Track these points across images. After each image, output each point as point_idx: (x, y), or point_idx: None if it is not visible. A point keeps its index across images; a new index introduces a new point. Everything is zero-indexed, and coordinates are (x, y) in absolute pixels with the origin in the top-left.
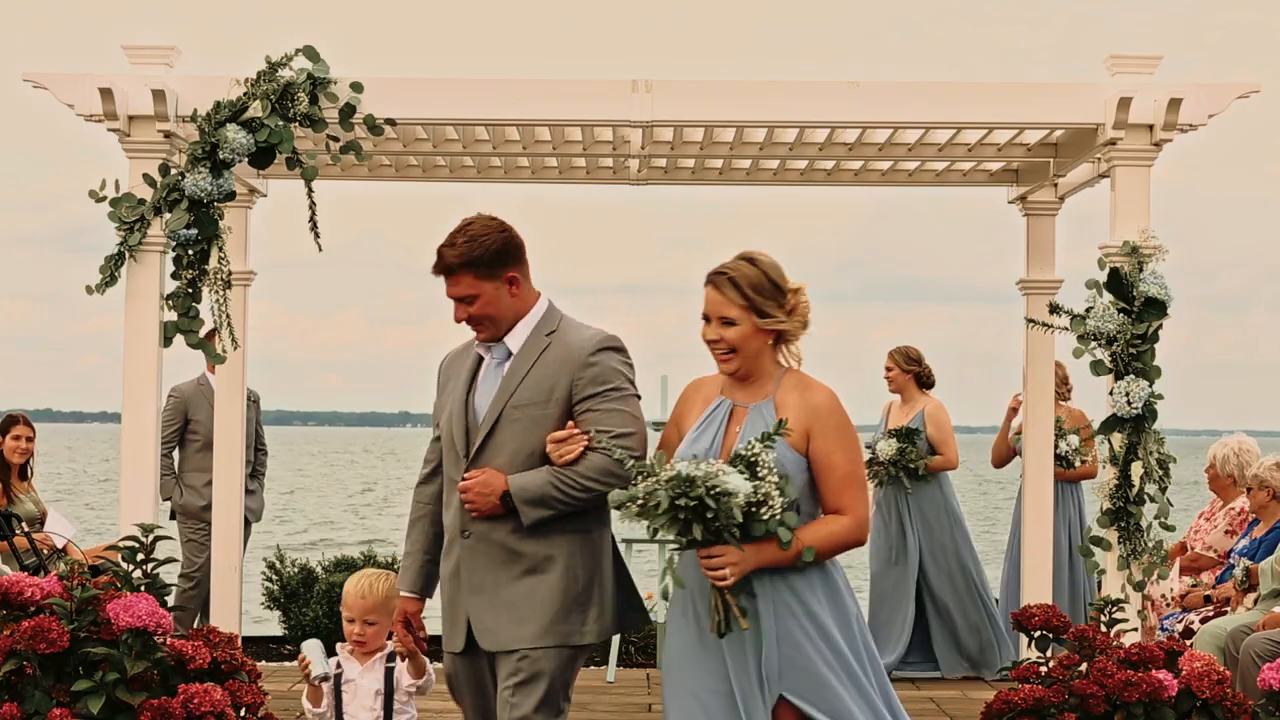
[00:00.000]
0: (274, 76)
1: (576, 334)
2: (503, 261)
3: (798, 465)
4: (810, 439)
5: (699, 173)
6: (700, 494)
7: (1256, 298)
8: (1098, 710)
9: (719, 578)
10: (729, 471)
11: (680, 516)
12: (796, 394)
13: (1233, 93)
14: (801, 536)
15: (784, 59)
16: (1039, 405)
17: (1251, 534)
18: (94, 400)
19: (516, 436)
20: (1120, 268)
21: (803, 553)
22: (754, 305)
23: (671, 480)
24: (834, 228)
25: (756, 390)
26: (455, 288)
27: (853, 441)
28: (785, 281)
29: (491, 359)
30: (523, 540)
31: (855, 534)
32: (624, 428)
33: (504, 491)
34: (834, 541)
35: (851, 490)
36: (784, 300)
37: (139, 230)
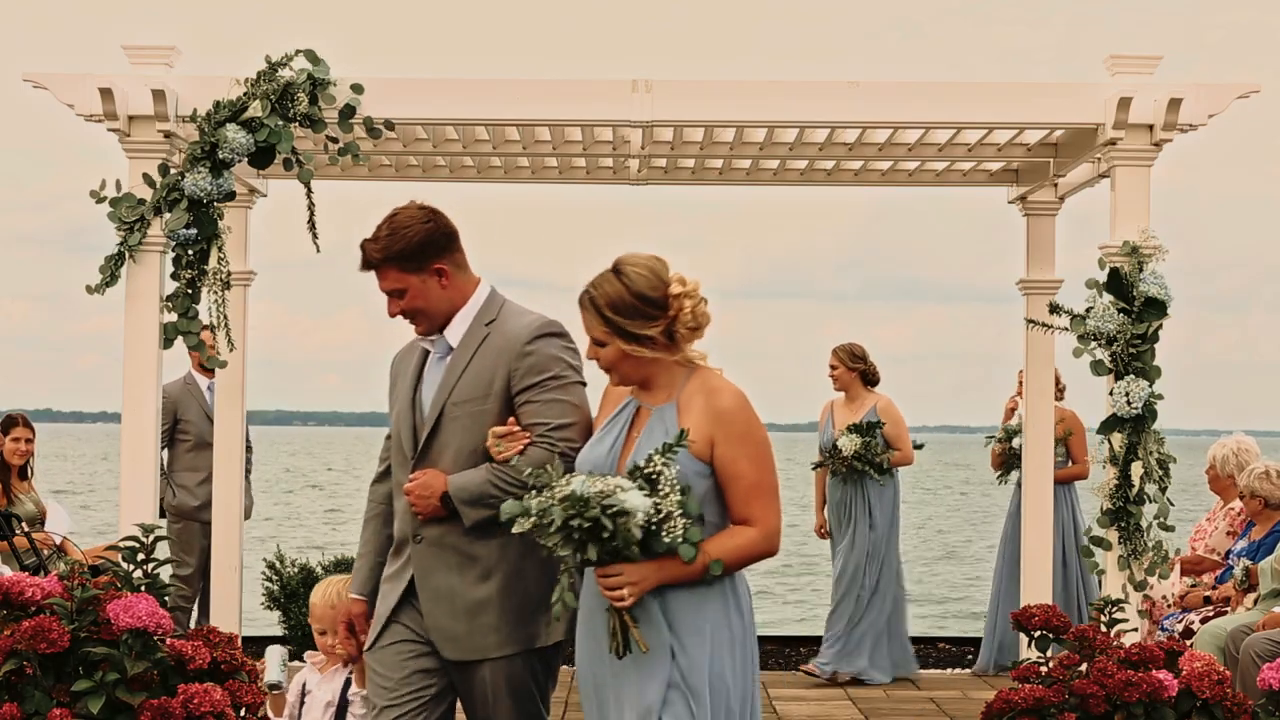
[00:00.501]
0: (274, 76)
1: (515, 322)
2: (427, 253)
3: (700, 473)
4: (714, 445)
5: (699, 173)
6: (595, 514)
7: (1256, 298)
8: (1098, 710)
9: (617, 598)
10: (627, 488)
11: (574, 536)
12: (701, 397)
13: (1233, 93)
14: (707, 550)
15: (784, 59)
16: (1039, 405)
17: (1249, 536)
18: (94, 400)
19: (459, 435)
20: (1120, 268)
21: (710, 567)
22: (615, 326)
23: (565, 499)
24: (834, 228)
25: (660, 393)
26: (383, 282)
27: (760, 447)
28: (659, 290)
29: (435, 354)
30: (475, 543)
31: (764, 546)
32: (564, 418)
33: (444, 492)
34: (741, 555)
35: (760, 500)
36: (655, 312)
37: (139, 230)
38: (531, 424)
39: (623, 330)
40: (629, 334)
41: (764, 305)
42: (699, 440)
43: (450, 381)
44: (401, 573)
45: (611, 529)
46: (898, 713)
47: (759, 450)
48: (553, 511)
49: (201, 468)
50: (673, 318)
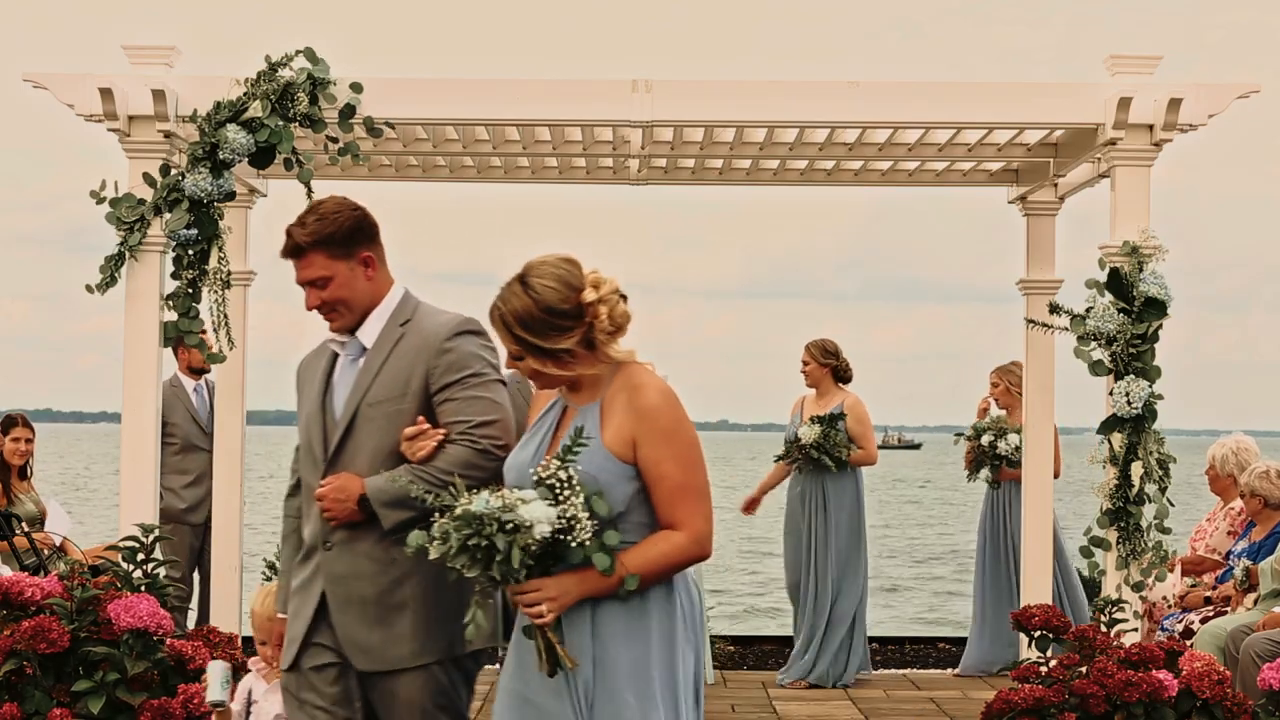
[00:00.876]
0: (274, 77)
1: (432, 320)
2: (357, 240)
3: (624, 475)
4: (637, 446)
5: (699, 173)
6: (492, 533)
7: (1256, 298)
8: (1098, 710)
9: (536, 615)
10: (529, 499)
11: (478, 557)
12: (624, 395)
13: (1233, 93)
14: (626, 560)
15: (784, 59)
16: (1039, 405)
17: (1250, 536)
18: (94, 400)
19: (374, 436)
20: (1120, 268)
21: (624, 582)
22: (527, 344)
23: (460, 520)
24: (834, 228)
25: (586, 392)
26: (307, 270)
27: (686, 446)
28: (570, 300)
29: (346, 356)
30: (391, 547)
31: (692, 551)
32: (485, 415)
33: (361, 495)
34: (666, 561)
35: (687, 502)
36: (568, 324)
37: (139, 230)
38: (452, 422)
39: (536, 347)
40: (543, 349)
41: (764, 305)
42: (621, 440)
43: (365, 382)
44: (310, 583)
45: (505, 548)
46: (898, 713)
47: (685, 449)
48: (451, 535)
49: (189, 470)
50: (589, 325)
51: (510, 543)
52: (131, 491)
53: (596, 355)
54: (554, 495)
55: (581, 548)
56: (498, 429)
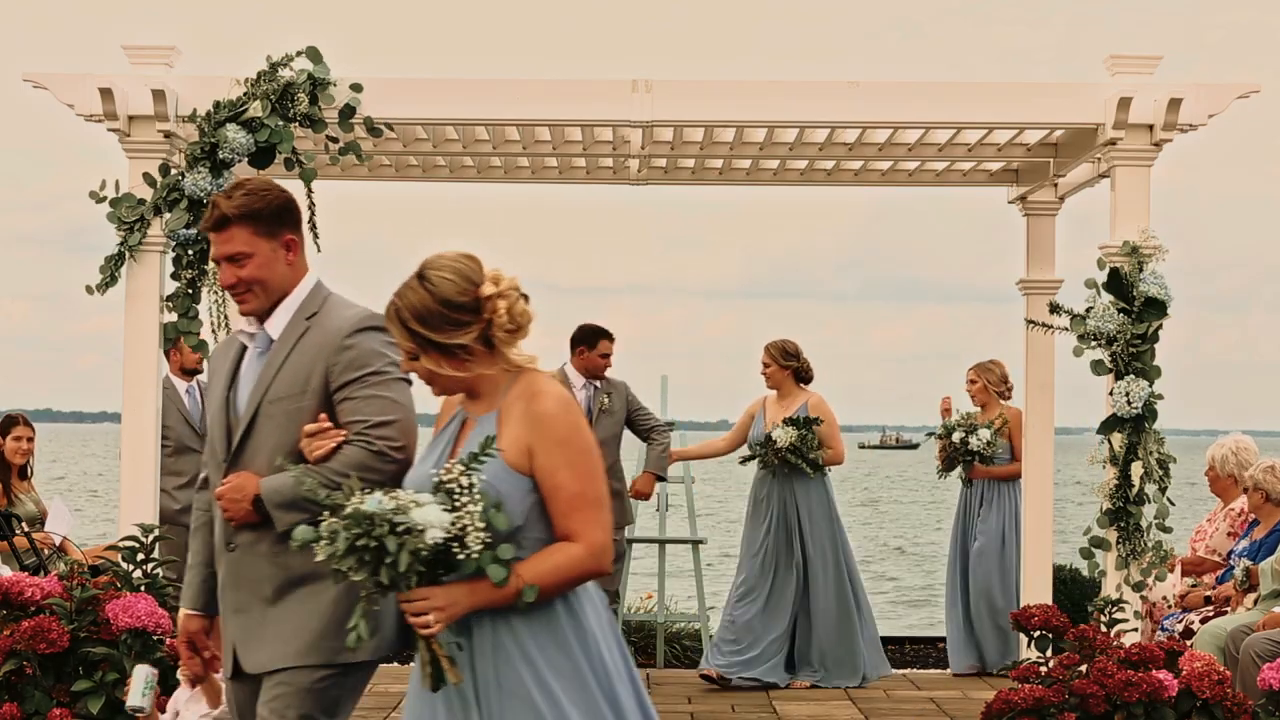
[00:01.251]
0: (274, 77)
1: (336, 315)
2: (283, 221)
3: (521, 487)
4: (533, 455)
5: (699, 173)
6: (382, 534)
7: (1256, 298)
8: (1098, 710)
9: (422, 625)
10: (424, 503)
11: (366, 559)
12: (521, 403)
13: (1233, 93)
14: (521, 572)
15: (784, 59)
16: (1039, 405)
17: (1251, 535)
18: (94, 400)
19: (274, 434)
20: (1120, 268)
21: (522, 593)
22: (423, 340)
23: (350, 518)
24: (834, 228)
25: (484, 401)
26: (228, 244)
27: (583, 455)
28: (468, 294)
29: (254, 349)
30: (288, 551)
31: (589, 564)
32: (383, 415)
33: (256, 495)
34: (562, 574)
35: (583, 512)
36: (466, 318)
37: (139, 230)
38: (349, 421)
39: (431, 342)
40: (439, 345)
41: (764, 305)
42: (517, 450)
43: (267, 378)
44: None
45: (395, 550)
46: (898, 713)
47: (582, 458)
48: (340, 534)
49: (184, 472)
50: (487, 321)
51: (400, 545)
52: (131, 492)
53: (495, 357)
54: (451, 501)
55: (473, 558)
56: (395, 430)
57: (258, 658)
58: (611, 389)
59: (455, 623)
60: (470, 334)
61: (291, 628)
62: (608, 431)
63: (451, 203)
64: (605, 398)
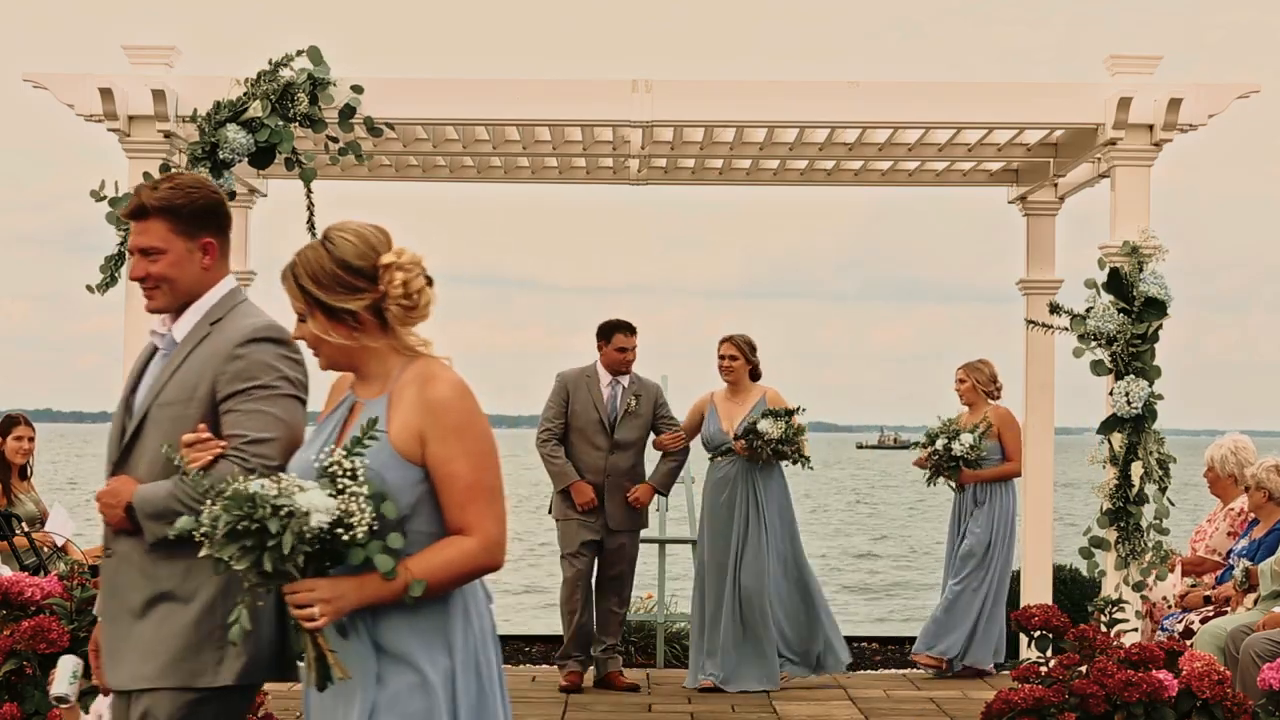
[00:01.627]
0: (274, 77)
1: (237, 323)
2: (204, 222)
3: (410, 476)
4: (425, 443)
5: (699, 173)
6: (264, 516)
7: (1256, 298)
8: (1098, 710)
9: (306, 618)
10: (309, 487)
11: (248, 545)
12: (414, 388)
13: (1233, 93)
14: (411, 565)
15: (784, 59)
16: (1039, 405)
17: (1251, 535)
18: (94, 400)
19: (159, 440)
20: (1120, 268)
21: (410, 587)
22: (313, 298)
23: (231, 499)
24: (834, 228)
25: (375, 384)
26: (144, 236)
27: (479, 444)
28: (368, 259)
29: (161, 350)
30: (159, 562)
31: (483, 559)
32: (263, 432)
33: (129, 503)
34: (454, 569)
35: (478, 504)
36: (361, 284)
37: None
38: (230, 435)
39: (321, 303)
40: (329, 307)
41: (764, 305)
42: (408, 437)
43: (161, 381)
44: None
45: (278, 532)
46: (898, 713)
47: (477, 447)
48: (221, 517)
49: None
50: (383, 294)
51: (284, 526)
52: None
53: (389, 335)
54: (335, 486)
55: (361, 547)
56: (273, 448)
57: (118, 674)
58: (641, 390)
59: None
60: (362, 301)
61: (151, 645)
62: (632, 434)
63: (451, 203)
64: (633, 399)
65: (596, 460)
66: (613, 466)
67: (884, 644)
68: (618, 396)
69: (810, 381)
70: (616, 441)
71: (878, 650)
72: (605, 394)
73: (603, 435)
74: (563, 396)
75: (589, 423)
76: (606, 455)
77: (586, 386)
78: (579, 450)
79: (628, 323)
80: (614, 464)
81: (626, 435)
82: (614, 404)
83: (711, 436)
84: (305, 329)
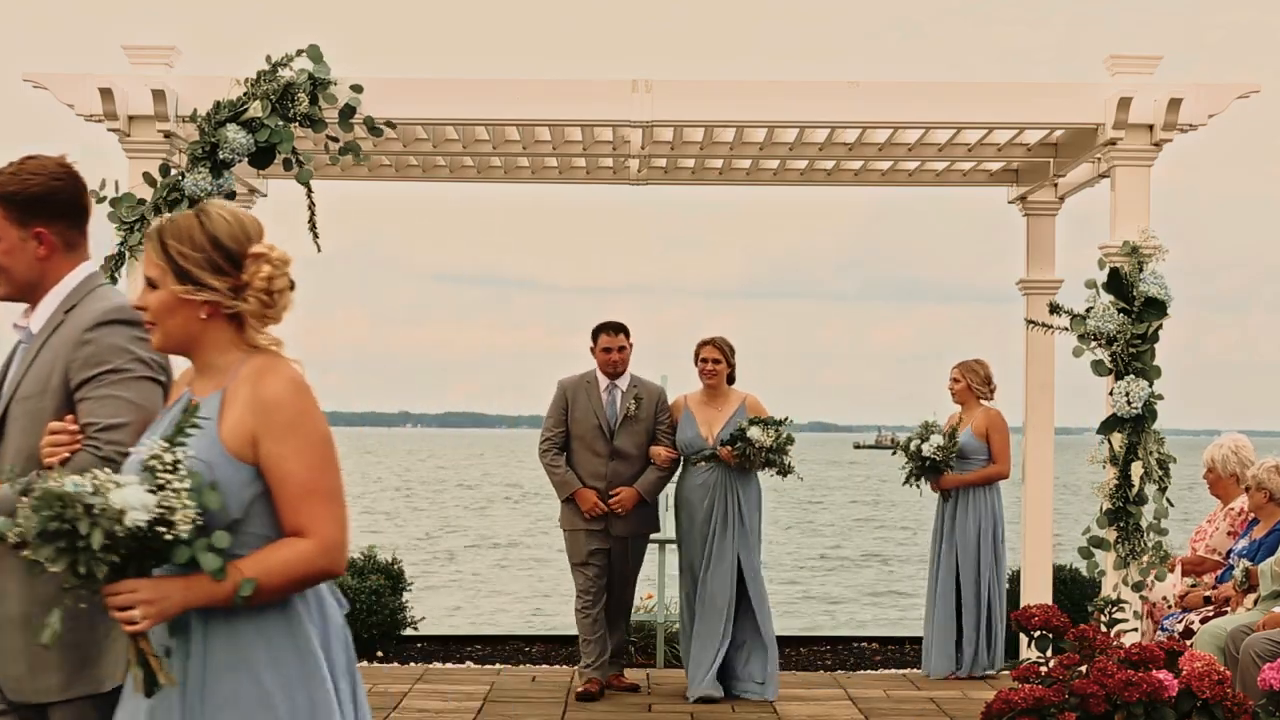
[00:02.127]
0: (274, 77)
1: (89, 308)
2: (38, 210)
3: (242, 476)
4: (257, 441)
5: (699, 173)
6: (75, 515)
7: (1256, 298)
8: (1098, 710)
9: (127, 620)
10: (126, 483)
11: (61, 546)
12: (249, 385)
13: (1233, 93)
14: (243, 566)
15: (784, 59)
16: (1039, 405)
17: (1251, 535)
18: None
19: (18, 436)
20: (1120, 268)
21: (240, 587)
22: (175, 261)
23: (40, 499)
24: (834, 228)
25: (213, 379)
26: None
27: (316, 442)
28: (239, 242)
29: (23, 342)
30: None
31: (320, 562)
32: (115, 418)
33: None
34: (289, 571)
35: (315, 505)
36: (225, 265)
37: (139, 230)
38: (85, 424)
39: (182, 269)
40: (188, 274)
41: (764, 305)
42: (239, 435)
43: (19, 375)
44: None
45: (88, 531)
46: (898, 713)
47: (313, 446)
48: (29, 516)
49: None
50: (244, 283)
51: (93, 527)
52: None
53: (236, 329)
54: (154, 480)
55: (185, 545)
56: (126, 434)
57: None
58: (642, 393)
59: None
60: (224, 282)
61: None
62: (633, 440)
63: (451, 203)
64: (634, 402)
65: (598, 467)
66: (614, 473)
67: (884, 644)
68: (617, 401)
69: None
70: (616, 448)
71: (877, 650)
72: (604, 399)
73: (603, 441)
74: (562, 404)
75: (589, 429)
76: (607, 461)
77: (586, 392)
78: (580, 458)
79: (613, 322)
80: (616, 470)
81: (627, 441)
82: (613, 409)
83: (689, 442)
84: (149, 298)
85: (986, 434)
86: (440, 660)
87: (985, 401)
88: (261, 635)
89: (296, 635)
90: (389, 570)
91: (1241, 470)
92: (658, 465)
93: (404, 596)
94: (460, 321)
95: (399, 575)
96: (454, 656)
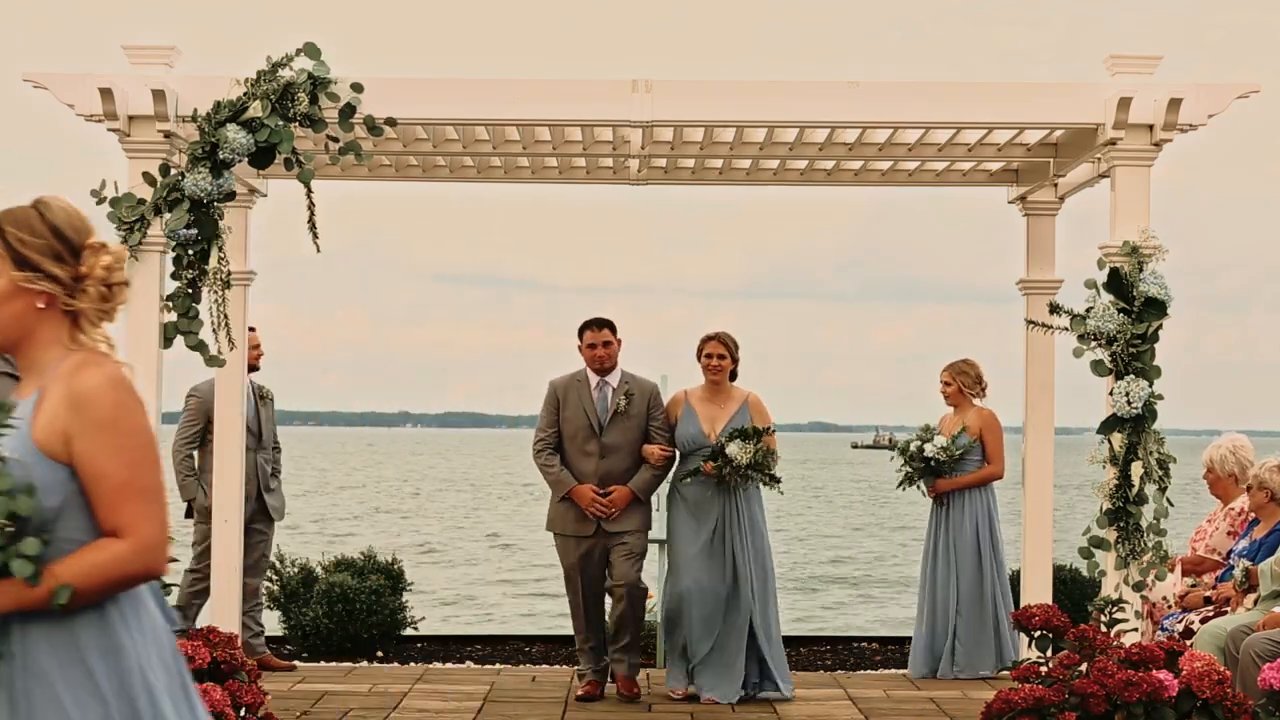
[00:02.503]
0: (274, 76)
1: None
2: None
3: (56, 476)
4: (71, 440)
5: (699, 173)
6: None
7: (1256, 298)
8: (1098, 710)
9: None
10: None
11: None
12: (64, 381)
13: (1233, 93)
14: (57, 570)
15: (784, 59)
16: (1039, 405)
17: (1251, 535)
18: None
19: None
20: (1120, 268)
21: (55, 594)
22: (16, 254)
23: None
24: (834, 228)
25: (33, 380)
26: None
27: (132, 439)
28: (79, 234)
29: None
30: None
31: (134, 563)
32: None
33: None
34: (105, 574)
35: (131, 505)
36: (65, 254)
37: (139, 230)
38: None
39: (22, 256)
40: (28, 261)
41: (764, 305)
42: (53, 433)
43: None
44: None
45: None
46: (898, 713)
47: (130, 442)
48: None
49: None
50: (84, 274)
51: None
52: None
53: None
54: None
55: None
56: None
57: None
58: (634, 389)
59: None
60: (63, 271)
61: None
62: (624, 437)
63: (451, 203)
64: (624, 399)
65: (588, 466)
66: (605, 472)
67: (884, 644)
68: (607, 398)
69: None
70: (606, 445)
71: (877, 650)
72: (595, 396)
73: (593, 440)
74: (553, 404)
75: (579, 428)
76: (598, 460)
77: (576, 391)
78: (572, 457)
79: (598, 318)
80: (606, 469)
81: (617, 438)
82: (603, 405)
83: (692, 438)
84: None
85: (980, 434)
86: (440, 660)
87: (978, 401)
88: (75, 640)
89: (117, 639)
90: (389, 570)
91: (1241, 470)
92: (651, 464)
93: (404, 596)
94: (460, 321)
95: (399, 575)
96: (454, 656)
